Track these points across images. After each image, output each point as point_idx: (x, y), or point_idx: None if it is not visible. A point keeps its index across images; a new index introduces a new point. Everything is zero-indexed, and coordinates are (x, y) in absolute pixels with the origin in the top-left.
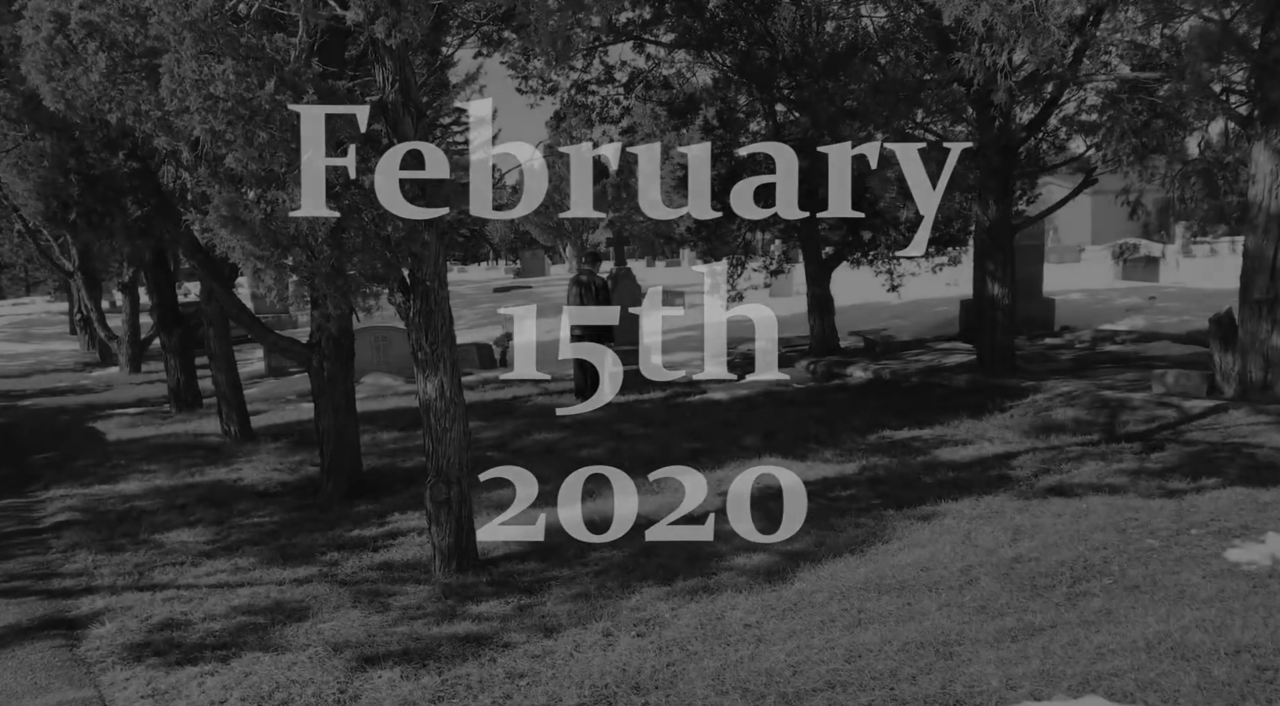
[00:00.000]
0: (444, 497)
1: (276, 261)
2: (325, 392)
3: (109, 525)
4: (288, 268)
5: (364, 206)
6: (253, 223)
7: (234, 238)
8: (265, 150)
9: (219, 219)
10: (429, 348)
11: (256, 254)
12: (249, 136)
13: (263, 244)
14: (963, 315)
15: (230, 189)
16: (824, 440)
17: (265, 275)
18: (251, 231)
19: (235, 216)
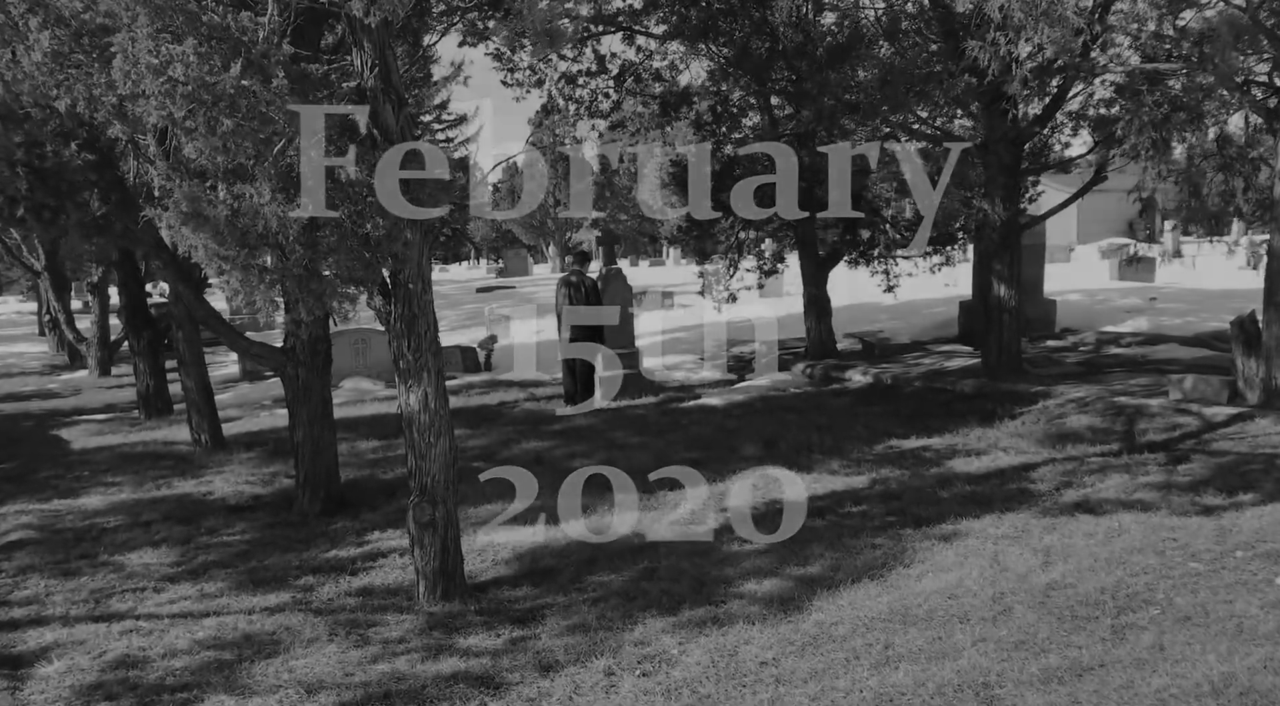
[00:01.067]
0: (428, 519)
1: (244, 262)
2: (300, 401)
3: (66, 545)
4: (255, 269)
5: (341, 202)
6: (216, 219)
7: (196, 235)
8: (230, 139)
9: (179, 215)
10: (411, 356)
11: (221, 254)
12: (211, 124)
13: (228, 243)
14: (962, 317)
15: (192, 182)
16: (828, 450)
17: (231, 277)
18: (215, 229)
19: (197, 212)
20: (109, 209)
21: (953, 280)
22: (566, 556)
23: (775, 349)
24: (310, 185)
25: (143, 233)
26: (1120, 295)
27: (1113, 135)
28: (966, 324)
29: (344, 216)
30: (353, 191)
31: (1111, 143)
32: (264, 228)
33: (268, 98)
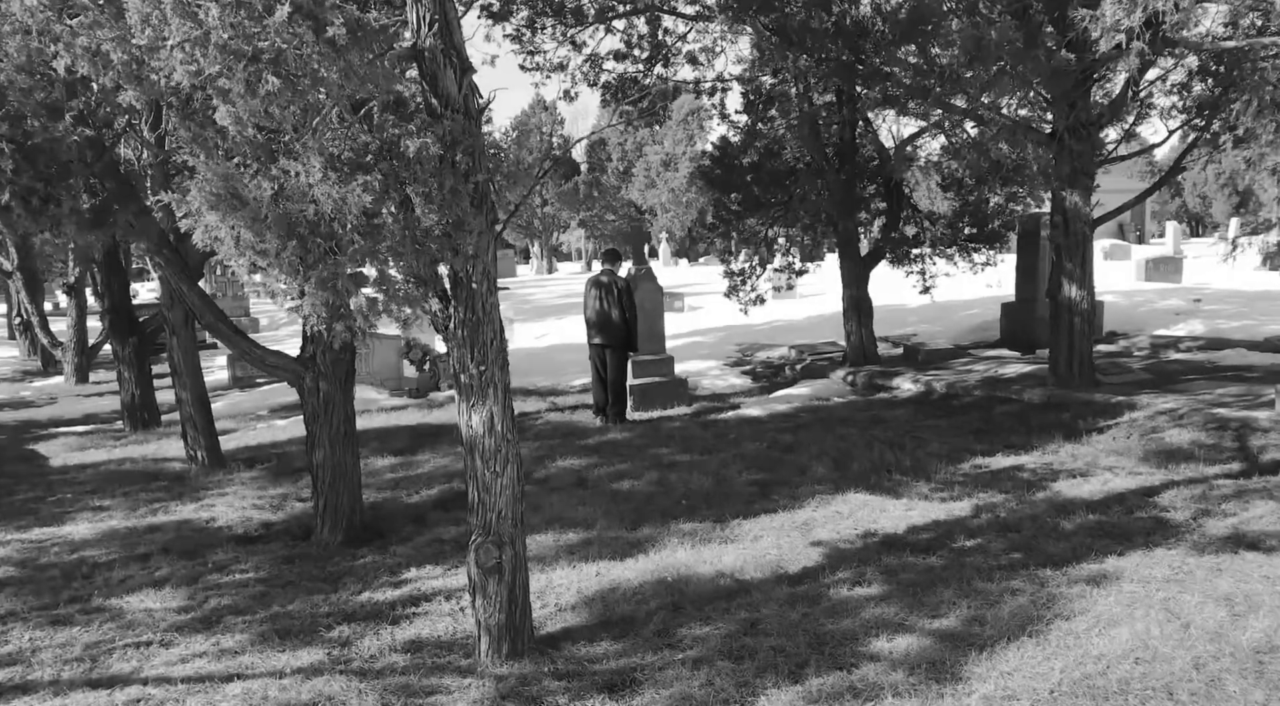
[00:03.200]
0: (494, 563)
1: (289, 257)
2: (320, 418)
3: (52, 586)
4: (300, 264)
5: (408, 181)
6: (257, 202)
7: (226, 223)
8: (274, 102)
9: (208, 197)
10: (475, 369)
11: (258, 246)
12: (251, 83)
13: (268, 232)
14: (1004, 319)
15: (222, 158)
16: (909, 470)
17: (271, 275)
18: (254, 214)
19: (233, 193)
20: (107, 196)
21: (995, 281)
22: (643, 600)
23: (806, 354)
24: (370, 160)
25: (144, 224)
26: (1158, 297)
27: (1209, 119)
28: (1009, 327)
29: (416, 200)
30: (421, 170)
31: (1208, 126)
32: (315, 213)
33: (320, 50)
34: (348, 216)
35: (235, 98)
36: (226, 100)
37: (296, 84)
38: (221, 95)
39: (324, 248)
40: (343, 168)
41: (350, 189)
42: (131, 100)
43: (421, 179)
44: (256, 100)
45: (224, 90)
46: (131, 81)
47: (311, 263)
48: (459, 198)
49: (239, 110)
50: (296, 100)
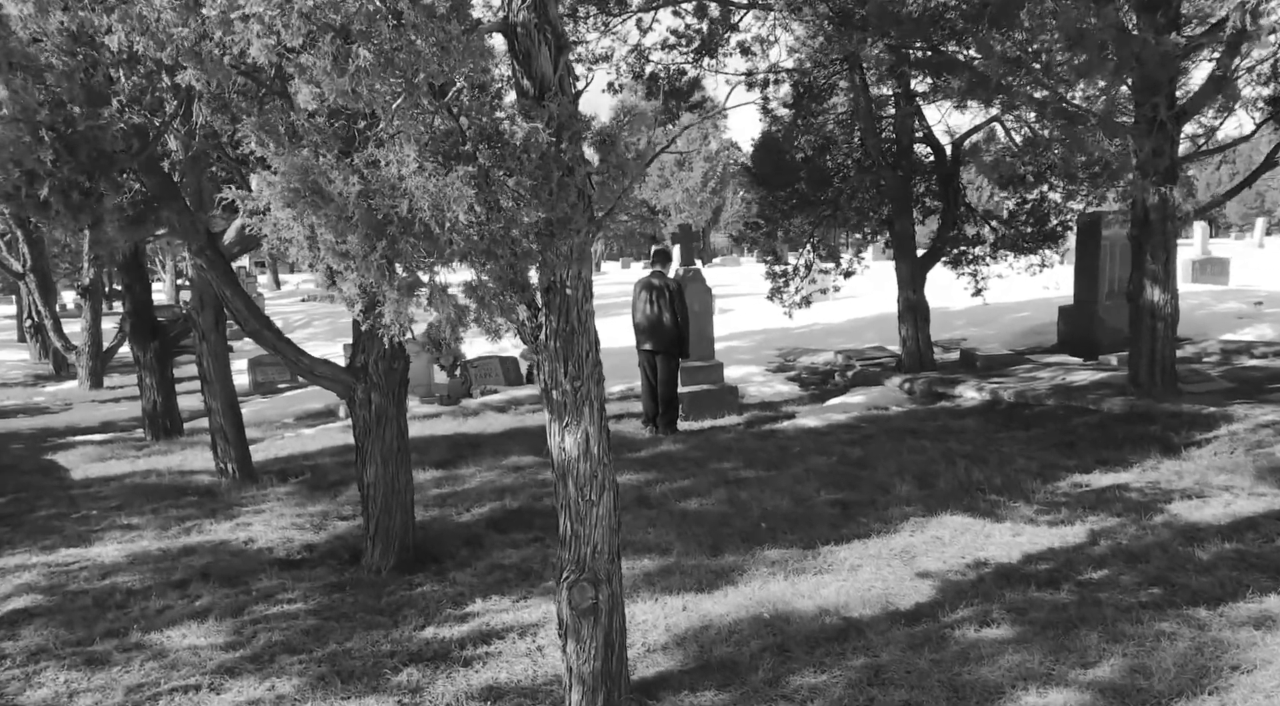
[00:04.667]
0: (590, 603)
1: (378, 259)
2: (373, 432)
3: (85, 617)
4: (386, 267)
5: (512, 172)
6: (343, 198)
7: (302, 221)
8: (364, 81)
9: (282, 193)
10: (570, 384)
11: (339, 248)
12: (340, 59)
13: (354, 232)
14: (1061, 323)
15: (299, 148)
16: (1001, 488)
17: (350, 280)
18: (339, 211)
19: (313, 188)
20: (151, 191)
21: (1053, 283)
22: (743, 641)
23: (855, 360)
24: (468, 148)
25: (186, 222)
26: (1213, 299)
27: None
28: (1067, 331)
29: (516, 195)
30: (527, 160)
31: None
32: (409, 209)
33: (416, 21)
34: (446, 213)
35: (320, 76)
36: (309, 79)
37: (392, 59)
38: (304, 73)
39: (421, 249)
40: (436, 157)
41: (449, 181)
42: (191, 81)
43: (527, 170)
44: (345, 78)
45: (306, 67)
46: (191, 59)
47: (404, 266)
48: (566, 191)
49: (325, 91)
50: (389, 78)
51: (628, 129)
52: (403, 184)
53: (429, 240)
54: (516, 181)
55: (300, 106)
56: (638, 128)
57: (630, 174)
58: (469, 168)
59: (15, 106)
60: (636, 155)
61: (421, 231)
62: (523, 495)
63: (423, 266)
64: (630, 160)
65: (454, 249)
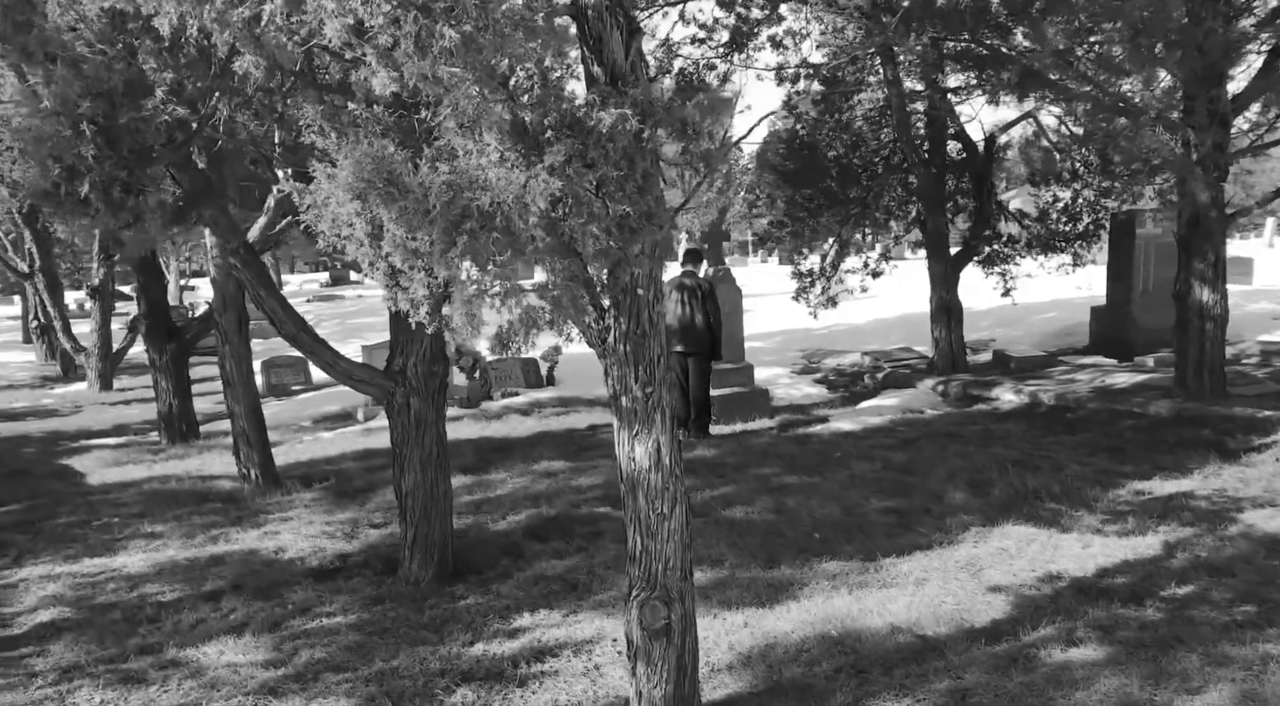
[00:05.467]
0: (663, 623)
1: (456, 256)
2: (411, 439)
3: (116, 632)
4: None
5: (598, 163)
6: (423, 189)
7: (365, 216)
8: (448, 63)
9: (352, 185)
10: (640, 391)
11: (411, 245)
12: (423, 40)
13: (432, 227)
14: (1093, 323)
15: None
16: (1057, 495)
17: (413, 280)
18: (418, 204)
19: (390, 180)
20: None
21: (1085, 283)
22: (814, 661)
23: (883, 362)
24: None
25: (223, 220)
26: (1243, 299)
27: None
28: (1100, 332)
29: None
30: (613, 149)
31: None
32: (491, 203)
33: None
34: (531, 206)
35: (402, 58)
36: (387, 62)
37: (475, 39)
38: (383, 56)
39: (502, 245)
40: (518, 147)
41: (535, 172)
42: (250, 68)
43: (612, 160)
44: (427, 61)
45: (386, 49)
46: (250, 43)
47: (478, 264)
48: (651, 183)
49: (405, 74)
50: (473, 61)
51: (712, 117)
52: (482, 175)
53: (509, 236)
54: (602, 173)
55: (375, 92)
56: (721, 115)
57: (715, 165)
58: (556, 158)
59: (55, 99)
60: (720, 145)
61: (502, 226)
62: (559, 502)
63: (499, 265)
64: (715, 150)
65: (535, 245)
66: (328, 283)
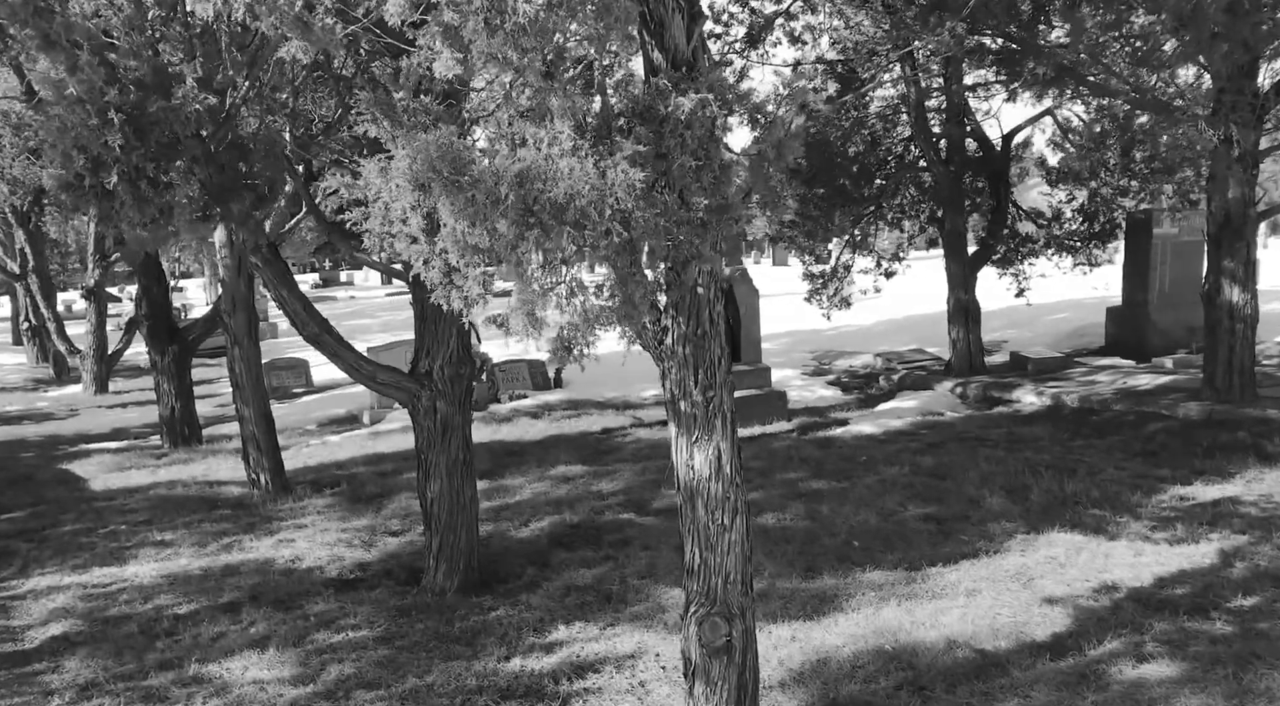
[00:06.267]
0: (723, 641)
1: (527, 253)
2: (437, 444)
3: (133, 646)
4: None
5: (675, 152)
6: (495, 178)
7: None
8: (522, 39)
9: (415, 175)
10: (701, 395)
11: (472, 242)
12: (492, 20)
13: (503, 221)
14: (1109, 325)
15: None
16: (1096, 501)
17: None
18: (489, 196)
19: (455, 169)
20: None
21: (1103, 284)
22: (870, 677)
23: (896, 363)
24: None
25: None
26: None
27: None
28: (1116, 333)
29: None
30: (691, 137)
31: None
32: (565, 195)
33: None
34: (608, 199)
35: (471, 36)
36: (453, 42)
37: (548, 19)
38: (449, 34)
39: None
40: (592, 135)
41: (615, 162)
42: (296, 53)
43: (690, 149)
44: (498, 38)
45: (453, 28)
46: (297, 28)
47: (552, 259)
48: (728, 174)
49: (474, 53)
50: (544, 40)
51: (787, 105)
52: (553, 165)
53: (581, 230)
54: (679, 163)
55: (436, 76)
56: (796, 103)
57: (789, 155)
58: (637, 146)
59: (81, 86)
60: (794, 134)
61: (575, 220)
62: (582, 508)
63: (570, 261)
64: (788, 139)
65: (610, 240)
66: (318, 283)
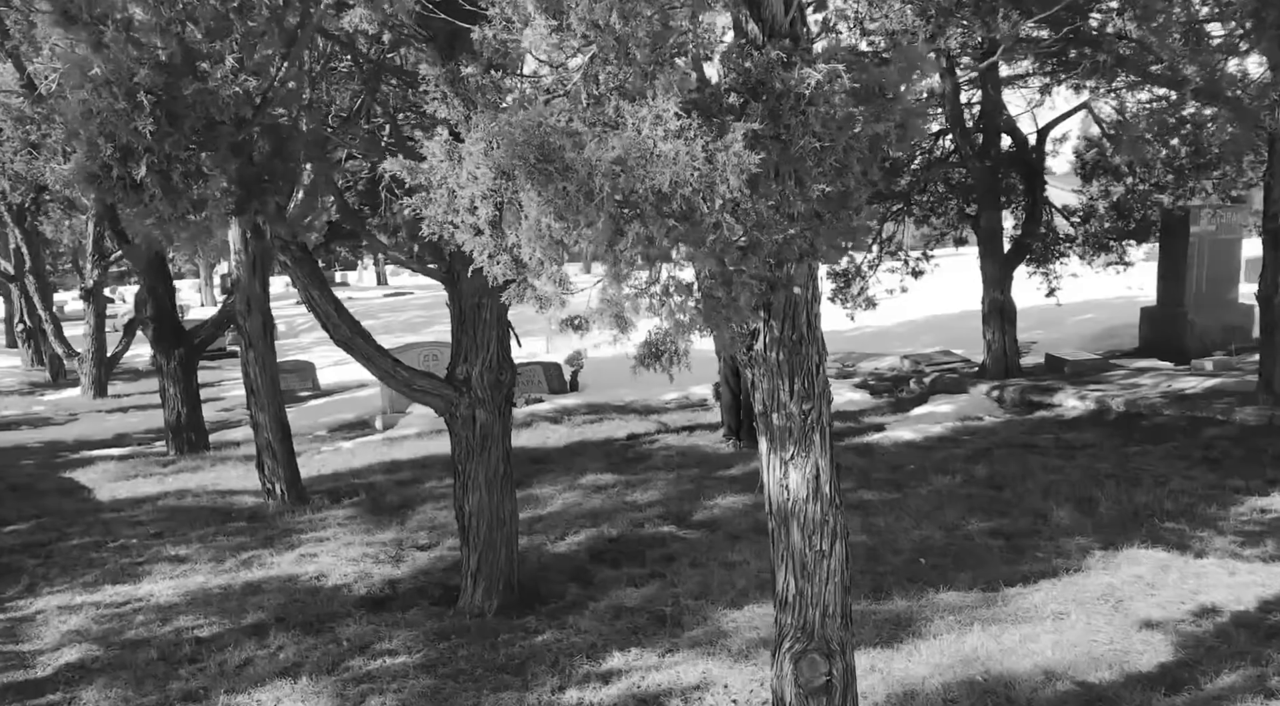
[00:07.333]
0: (823, 679)
1: (628, 250)
2: (476, 455)
3: (154, 673)
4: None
5: (799, 134)
6: (589, 165)
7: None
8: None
9: (499, 161)
10: (796, 406)
11: (556, 235)
12: None
13: (599, 212)
14: (1144, 326)
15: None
16: (1170, 513)
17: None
18: (582, 186)
19: (544, 156)
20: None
21: (1138, 285)
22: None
23: (924, 366)
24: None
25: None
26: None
27: None
28: (1151, 335)
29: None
30: (813, 117)
31: None
32: (671, 183)
33: None
34: (719, 186)
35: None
36: (549, 9)
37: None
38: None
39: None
40: (702, 114)
41: (726, 144)
42: (360, 22)
43: (812, 129)
44: (602, 4)
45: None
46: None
47: (652, 255)
48: (852, 157)
49: (574, 20)
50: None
51: (908, 80)
52: (655, 148)
53: (687, 223)
54: (802, 145)
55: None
56: (919, 76)
57: (914, 135)
58: (752, 124)
59: (108, 66)
60: (915, 110)
61: (680, 211)
62: (620, 521)
63: (666, 257)
64: (915, 115)
65: (720, 235)
66: None
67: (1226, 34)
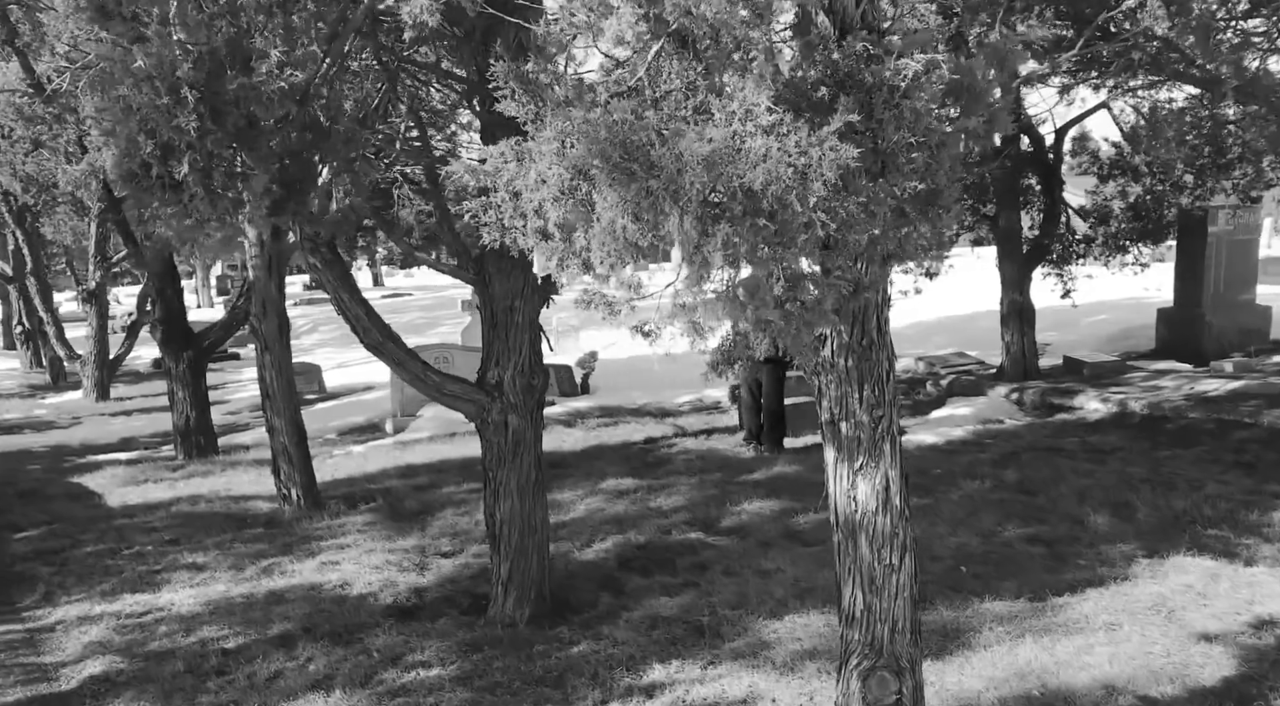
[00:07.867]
0: (893, 698)
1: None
2: (508, 461)
3: (182, 687)
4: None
5: (891, 129)
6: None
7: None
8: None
9: (577, 160)
10: (867, 414)
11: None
12: None
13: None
14: (1160, 327)
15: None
16: (1211, 520)
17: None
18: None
19: (626, 155)
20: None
21: (1155, 286)
22: None
23: (940, 367)
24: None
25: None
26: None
27: None
28: (1168, 337)
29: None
30: (908, 109)
31: None
32: (764, 180)
33: None
34: (812, 183)
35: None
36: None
37: None
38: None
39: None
40: (794, 108)
41: (821, 138)
42: (420, 14)
43: (907, 123)
44: None
45: None
46: None
47: (737, 258)
48: (943, 154)
49: (667, 8)
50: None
51: (998, 73)
52: (744, 145)
53: (777, 223)
54: (895, 140)
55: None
56: (1003, 69)
57: (1001, 129)
58: (849, 116)
59: (150, 60)
60: (1000, 106)
61: (770, 210)
62: (646, 527)
63: (753, 260)
64: (1002, 111)
65: (812, 234)
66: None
67: (1267, 30)
